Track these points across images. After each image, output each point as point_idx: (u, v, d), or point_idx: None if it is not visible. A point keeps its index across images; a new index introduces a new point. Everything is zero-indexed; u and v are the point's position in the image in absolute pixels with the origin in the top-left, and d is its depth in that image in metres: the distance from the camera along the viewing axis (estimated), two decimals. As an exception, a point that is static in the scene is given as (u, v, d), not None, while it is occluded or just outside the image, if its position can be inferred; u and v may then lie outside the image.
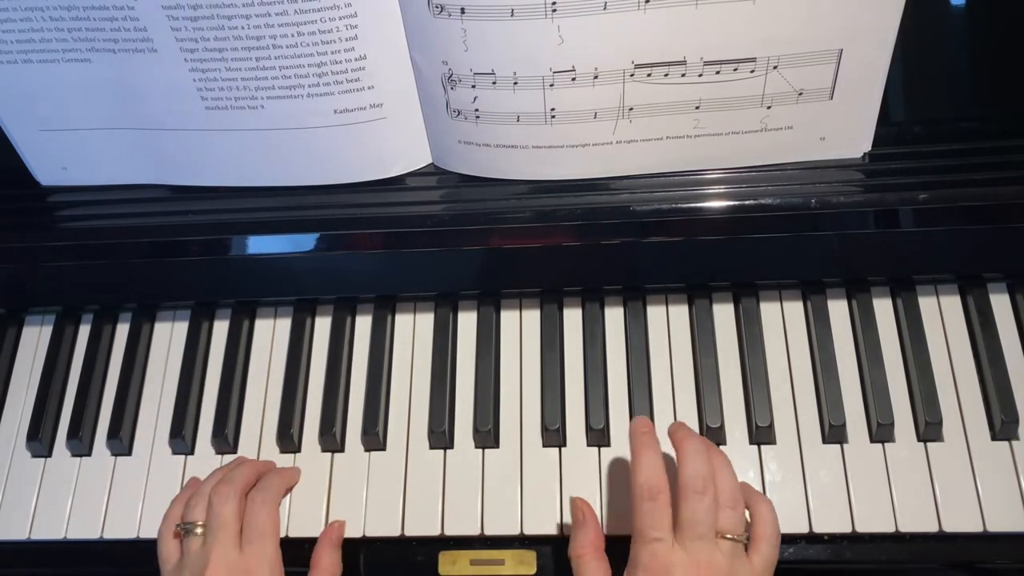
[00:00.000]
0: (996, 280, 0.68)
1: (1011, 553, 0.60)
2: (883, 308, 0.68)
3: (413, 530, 0.64)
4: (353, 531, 0.64)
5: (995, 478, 0.61)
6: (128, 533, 0.66)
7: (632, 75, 0.57)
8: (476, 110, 0.59)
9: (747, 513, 0.57)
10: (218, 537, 0.59)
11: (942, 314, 0.67)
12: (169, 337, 0.73)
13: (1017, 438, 0.63)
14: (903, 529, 0.60)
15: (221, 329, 0.73)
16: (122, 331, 0.74)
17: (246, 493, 0.62)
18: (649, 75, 0.57)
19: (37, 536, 0.67)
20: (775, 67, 0.57)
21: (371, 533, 0.64)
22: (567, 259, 0.66)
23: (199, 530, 0.60)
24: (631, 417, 0.66)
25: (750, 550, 0.55)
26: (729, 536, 0.54)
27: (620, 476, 0.64)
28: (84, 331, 0.75)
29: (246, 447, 0.68)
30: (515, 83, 0.57)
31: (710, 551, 0.53)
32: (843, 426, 0.63)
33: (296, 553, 0.65)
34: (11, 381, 0.74)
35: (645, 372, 0.67)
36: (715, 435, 0.64)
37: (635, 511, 0.55)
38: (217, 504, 0.61)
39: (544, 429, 0.66)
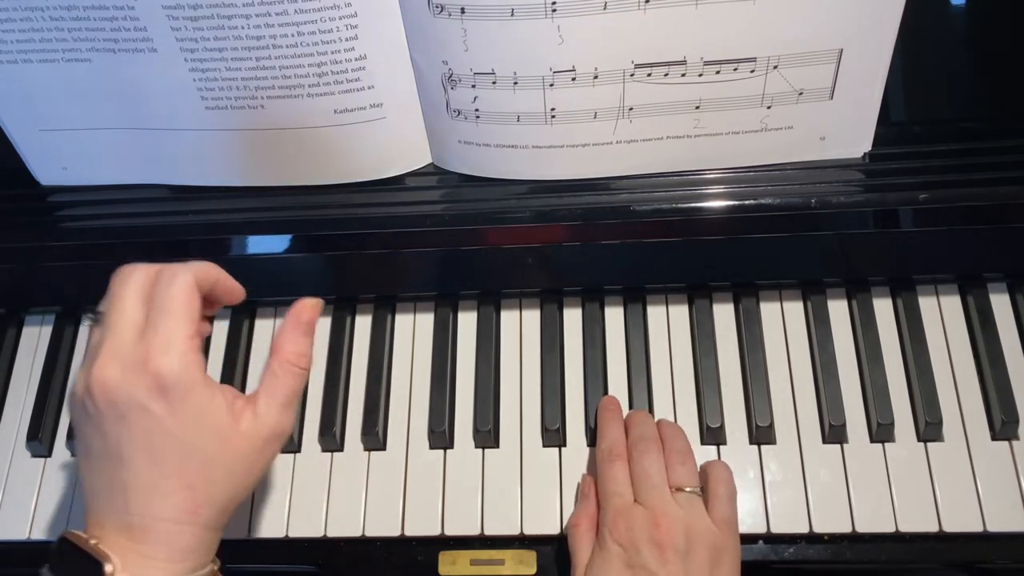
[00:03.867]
0: (996, 280, 0.68)
1: (1011, 553, 0.60)
2: (883, 308, 0.68)
3: (413, 530, 0.64)
4: (353, 531, 0.64)
5: (995, 478, 0.61)
6: (128, 533, 0.66)
7: (632, 75, 0.57)
8: (476, 110, 0.59)
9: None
10: (113, 326, 0.47)
11: (942, 314, 0.67)
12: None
13: (1017, 438, 0.63)
14: (903, 529, 0.60)
15: (221, 329, 0.73)
16: (122, 331, 0.74)
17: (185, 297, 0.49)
18: (649, 75, 0.57)
19: (37, 536, 0.67)
20: (775, 67, 0.57)
21: (371, 533, 0.64)
22: (567, 259, 0.66)
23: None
24: (631, 417, 0.66)
25: (709, 506, 0.58)
26: (683, 488, 0.58)
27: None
28: (84, 331, 0.75)
29: (246, 447, 0.68)
30: (515, 83, 0.57)
31: (665, 501, 0.57)
32: (843, 426, 0.63)
33: (294, 552, 0.65)
34: (11, 381, 0.74)
35: (645, 372, 0.67)
36: (715, 435, 0.64)
37: (599, 474, 0.60)
38: (117, 287, 0.49)
39: (544, 429, 0.66)
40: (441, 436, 0.66)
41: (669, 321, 0.69)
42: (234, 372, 0.70)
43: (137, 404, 0.46)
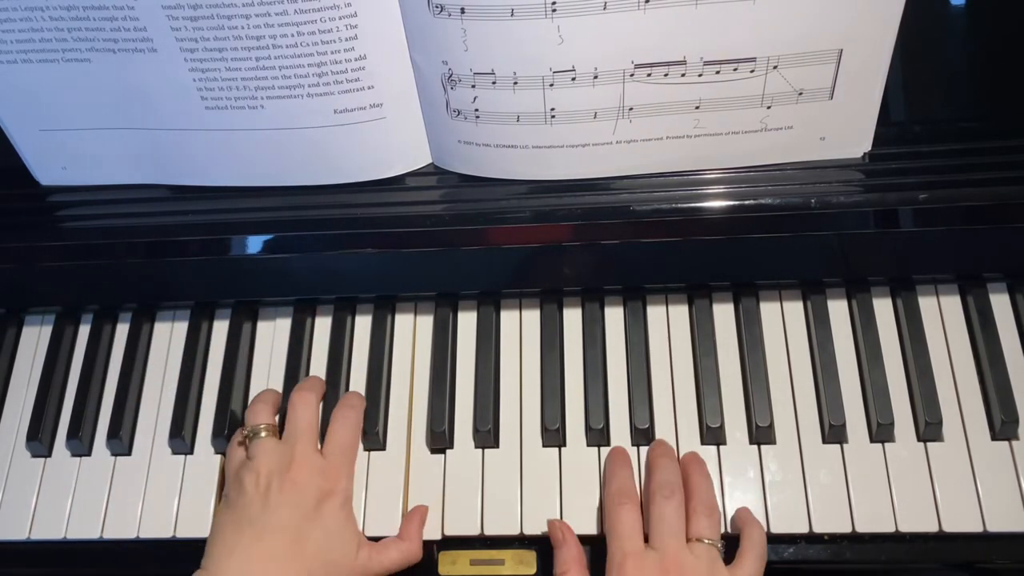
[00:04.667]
0: (996, 280, 0.68)
1: (1011, 553, 0.60)
2: (883, 308, 0.68)
3: (413, 530, 0.64)
4: (353, 531, 0.64)
5: (995, 478, 0.61)
6: (128, 533, 0.66)
7: (632, 75, 0.57)
8: (476, 110, 0.59)
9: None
10: (302, 439, 0.62)
11: (942, 314, 0.67)
12: (169, 337, 0.73)
13: (1017, 438, 0.63)
14: (903, 529, 0.60)
15: (221, 329, 0.73)
16: (122, 331, 0.74)
17: (320, 398, 0.66)
18: (649, 75, 0.57)
19: (37, 536, 0.67)
20: (775, 67, 0.57)
21: (371, 533, 0.64)
22: (567, 259, 0.66)
23: (264, 433, 0.62)
24: (631, 417, 0.65)
25: (735, 563, 0.57)
26: (703, 539, 0.56)
27: (620, 476, 0.64)
28: (84, 331, 0.75)
29: (246, 447, 0.68)
30: (515, 83, 0.57)
31: (680, 551, 0.55)
32: (843, 426, 0.63)
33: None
34: (11, 381, 0.74)
35: (645, 372, 0.67)
36: (715, 435, 0.64)
37: (607, 517, 0.59)
38: (302, 408, 0.63)
39: (544, 429, 0.66)
40: (441, 436, 0.66)
41: (669, 321, 0.69)
42: (234, 372, 0.70)
43: (312, 501, 0.60)
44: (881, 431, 0.63)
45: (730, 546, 0.59)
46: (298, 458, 0.61)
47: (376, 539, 0.63)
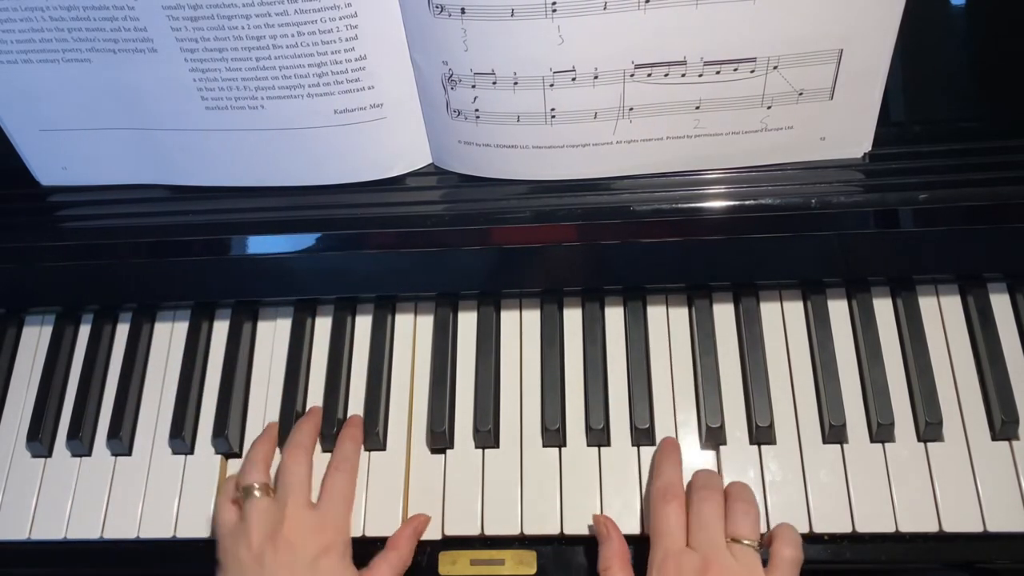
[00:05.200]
0: (996, 280, 0.68)
1: (1011, 553, 0.60)
2: (883, 308, 0.68)
3: (413, 530, 0.64)
4: (353, 531, 0.64)
5: (995, 478, 0.61)
6: (128, 533, 0.66)
7: (632, 75, 0.57)
8: (476, 110, 0.59)
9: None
10: (293, 497, 0.61)
11: (942, 314, 0.67)
12: (169, 337, 0.73)
13: (1017, 438, 0.63)
14: (903, 529, 0.60)
15: (221, 329, 0.73)
16: (122, 331, 0.74)
17: (311, 451, 0.66)
18: (649, 75, 0.57)
19: (37, 536, 0.67)
20: (775, 67, 0.57)
21: (371, 533, 0.64)
22: (567, 259, 0.66)
23: (257, 492, 0.61)
24: (631, 417, 0.65)
25: (770, 565, 0.56)
26: (742, 540, 0.56)
27: (620, 475, 0.64)
28: (84, 331, 0.75)
29: (247, 447, 0.68)
30: (515, 83, 0.57)
31: (720, 552, 0.55)
32: (843, 426, 0.63)
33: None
34: (11, 381, 0.74)
35: (645, 372, 0.67)
36: (715, 435, 0.64)
37: (652, 514, 0.59)
38: (292, 465, 0.63)
39: (544, 429, 0.66)
40: (441, 436, 0.66)
41: (669, 321, 0.69)
42: (234, 372, 0.70)
43: (308, 560, 0.59)
44: (881, 431, 0.63)
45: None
46: (290, 517, 0.60)
47: (376, 539, 0.63)
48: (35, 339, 0.75)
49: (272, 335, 0.73)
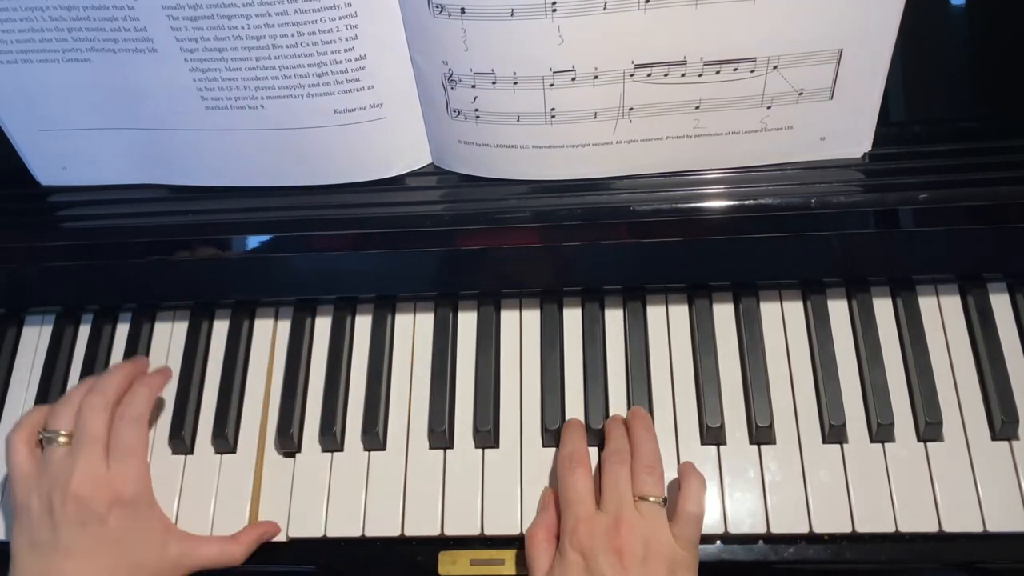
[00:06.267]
0: (996, 280, 0.68)
1: (1011, 553, 0.60)
2: (883, 308, 0.68)
3: (413, 530, 0.64)
4: (353, 531, 0.64)
5: (995, 478, 0.61)
6: (128, 533, 0.66)
7: (632, 75, 0.57)
8: (476, 110, 0.59)
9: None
10: (86, 449, 0.59)
11: (942, 314, 0.67)
12: (169, 337, 0.73)
13: (1017, 438, 0.63)
14: (903, 529, 0.60)
15: (221, 329, 0.73)
16: (122, 331, 0.74)
17: (118, 403, 0.63)
18: (649, 75, 0.57)
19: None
20: (775, 67, 0.57)
21: (371, 533, 0.64)
22: (567, 259, 0.66)
23: (62, 439, 0.60)
24: (631, 417, 0.66)
25: (672, 522, 0.58)
26: (648, 498, 0.58)
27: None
28: (84, 331, 0.75)
29: (246, 447, 0.68)
30: (515, 83, 0.57)
31: (629, 512, 0.57)
32: (843, 426, 0.63)
33: (294, 552, 0.65)
34: (11, 381, 0.74)
35: (645, 372, 0.67)
36: (715, 435, 0.64)
37: (559, 482, 0.61)
38: (88, 415, 0.61)
39: (544, 429, 0.66)
40: (441, 436, 0.66)
41: (669, 321, 0.69)
42: (234, 372, 0.70)
43: (97, 515, 0.58)
44: (881, 431, 0.63)
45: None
46: (79, 472, 0.59)
47: (376, 540, 0.63)
48: (35, 339, 0.75)
49: (272, 335, 0.73)
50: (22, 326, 0.76)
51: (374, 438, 0.67)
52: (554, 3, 0.53)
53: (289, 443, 0.68)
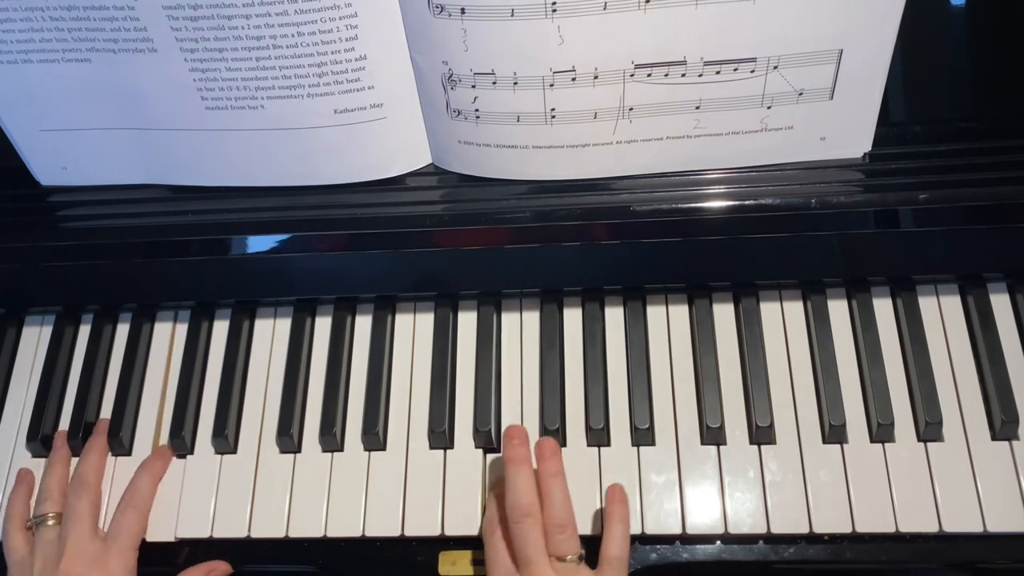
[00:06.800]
0: (996, 280, 0.68)
1: (1011, 553, 0.60)
2: (883, 308, 0.68)
3: (413, 530, 0.64)
4: (353, 531, 0.64)
5: (995, 478, 0.61)
6: (128, 533, 0.66)
7: (632, 75, 0.57)
8: (476, 110, 0.59)
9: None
10: (74, 528, 0.62)
11: (942, 314, 0.67)
12: (169, 337, 0.74)
13: (1017, 438, 0.63)
14: (903, 529, 0.60)
15: (221, 329, 0.73)
16: (122, 331, 0.74)
17: (99, 482, 0.66)
18: (649, 75, 0.57)
19: (37, 536, 0.67)
20: (775, 67, 0.57)
21: (371, 533, 0.64)
22: (567, 259, 0.66)
23: (51, 521, 0.64)
24: (631, 417, 0.65)
25: (596, 571, 0.57)
26: (564, 557, 0.57)
27: (619, 475, 0.64)
28: (84, 331, 0.75)
29: (246, 447, 0.68)
30: (515, 83, 0.57)
31: (542, 572, 0.56)
32: (843, 426, 0.63)
33: (294, 552, 0.65)
34: (11, 381, 0.74)
35: (645, 372, 0.67)
36: (715, 435, 0.64)
37: (485, 545, 0.60)
38: (73, 500, 0.64)
39: (544, 429, 0.66)
40: (441, 436, 0.66)
41: (669, 321, 0.69)
42: (234, 372, 0.70)
43: None
44: (881, 431, 0.63)
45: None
46: (70, 549, 0.61)
47: (376, 540, 0.63)
48: (35, 339, 0.75)
49: (272, 335, 0.73)
50: (22, 326, 0.76)
51: (374, 438, 0.67)
52: (554, 3, 0.53)
53: (289, 443, 0.68)
